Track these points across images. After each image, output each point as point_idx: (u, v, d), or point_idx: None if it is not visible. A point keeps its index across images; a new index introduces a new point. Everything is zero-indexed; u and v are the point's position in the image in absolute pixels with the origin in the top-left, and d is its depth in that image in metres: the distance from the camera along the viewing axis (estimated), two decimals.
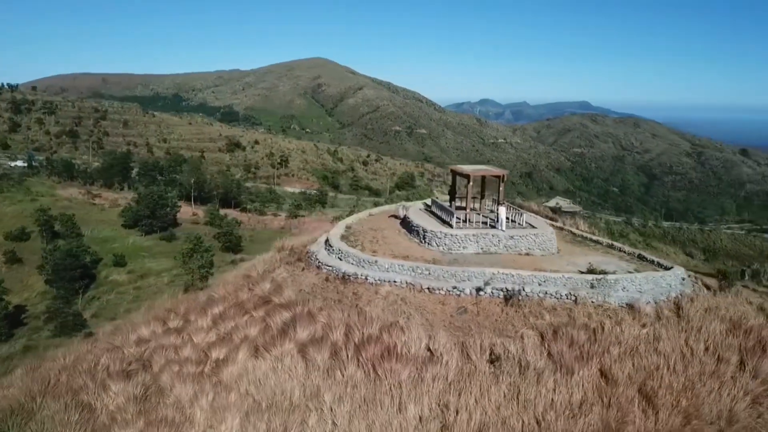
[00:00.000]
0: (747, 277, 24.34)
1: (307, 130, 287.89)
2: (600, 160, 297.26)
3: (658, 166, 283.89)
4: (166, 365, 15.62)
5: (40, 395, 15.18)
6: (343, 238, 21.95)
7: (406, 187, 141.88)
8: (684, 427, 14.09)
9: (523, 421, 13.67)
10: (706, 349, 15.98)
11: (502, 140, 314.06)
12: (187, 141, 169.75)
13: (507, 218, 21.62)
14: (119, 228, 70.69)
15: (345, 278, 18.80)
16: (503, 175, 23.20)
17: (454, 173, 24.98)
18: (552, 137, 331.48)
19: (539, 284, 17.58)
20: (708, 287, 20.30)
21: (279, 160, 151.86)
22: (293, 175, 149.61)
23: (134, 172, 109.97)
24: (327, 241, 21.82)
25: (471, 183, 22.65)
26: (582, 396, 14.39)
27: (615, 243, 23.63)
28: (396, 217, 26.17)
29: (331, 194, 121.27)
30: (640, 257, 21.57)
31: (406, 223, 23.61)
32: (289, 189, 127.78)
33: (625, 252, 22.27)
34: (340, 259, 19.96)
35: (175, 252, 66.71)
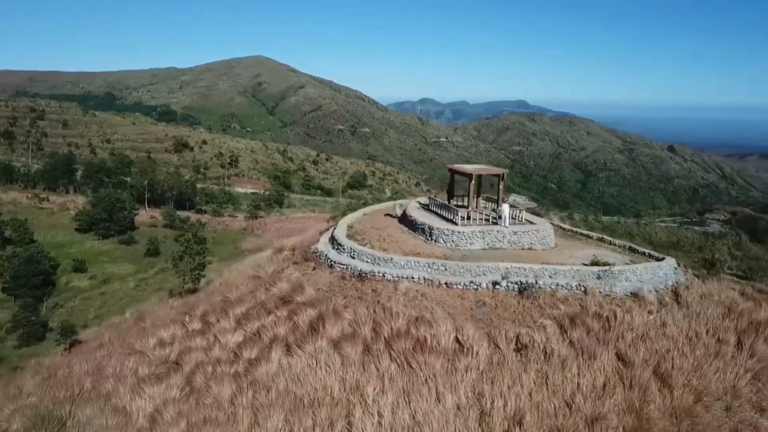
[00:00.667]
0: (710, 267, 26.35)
1: (248, 129, 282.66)
2: (538, 158, 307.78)
3: (593, 163, 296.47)
4: (198, 366, 15.68)
5: (68, 402, 14.99)
6: (350, 237, 22.35)
7: (358, 186, 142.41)
8: (696, 404, 15.39)
9: (554, 405, 14.61)
10: (707, 332, 17.45)
11: (444, 139, 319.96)
12: (131, 141, 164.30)
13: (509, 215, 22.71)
14: (73, 232, 68.30)
15: (361, 276, 19.28)
16: (502, 174, 24.25)
17: (453, 172, 25.82)
18: (492, 136, 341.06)
19: (550, 277, 18.63)
20: (696, 275, 22.00)
21: (229, 161, 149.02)
22: (244, 176, 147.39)
23: (79, 174, 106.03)
24: (334, 240, 22.19)
25: (473, 182, 23.55)
26: (604, 379, 15.49)
27: (605, 237, 25.10)
28: (391, 215, 26.79)
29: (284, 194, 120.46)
30: (631, 249, 23.06)
31: (408, 222, 24.27)
32: (241, 189, 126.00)
33: (615, 245, 23.72)
34: (353, 258, 20.41)
35: (136, 256, 65.20)
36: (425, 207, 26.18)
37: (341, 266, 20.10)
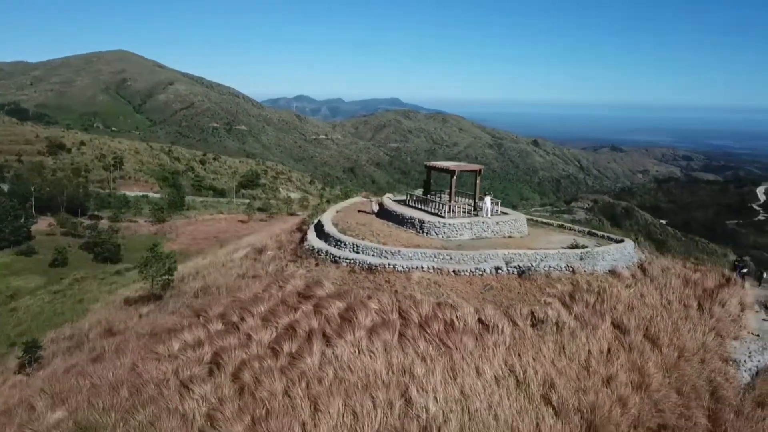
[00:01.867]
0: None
1: (114, 128, 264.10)
2: (415, 154, 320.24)
3: (465, 158, 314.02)
4: (244, 364, 16.00)
5: (113, 410, 14.77)
6: (343, 232, 23.27)
7: (251, 185, 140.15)
8: (679, 360, 18.32)
9: (575, 370, 16.80)
10: (676, 299, 20.65)
11: (324, 136, 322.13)
12: None
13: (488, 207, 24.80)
14: None
15: (371, 269, 20.33)
16: (479, 170, 26.30)
17: (430, 169, 27.46)
18: (369, 133, 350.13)
19: (542, 260, 20.89)
20: (650, 253, 25.52)
21: (113, 162, 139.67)
22: (130, 178, 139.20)
23: None
24: (330, 236, 22.96)
25: (456, 177, 25.34)
26: (608, 344, 17.94)
27: (564, 224, 28.10)
28: (365, 212, 27.94)
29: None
30: (590, 233, 26.13)
31: (392, 216, 25.52)
32: (130, 193, 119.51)
33: (575, 230, 26.71)
34: (357, 252, 21.36)
35: (40, 267, 60.23)
36: (403, 203, 27.64)
37: (347, 261, 21.03)
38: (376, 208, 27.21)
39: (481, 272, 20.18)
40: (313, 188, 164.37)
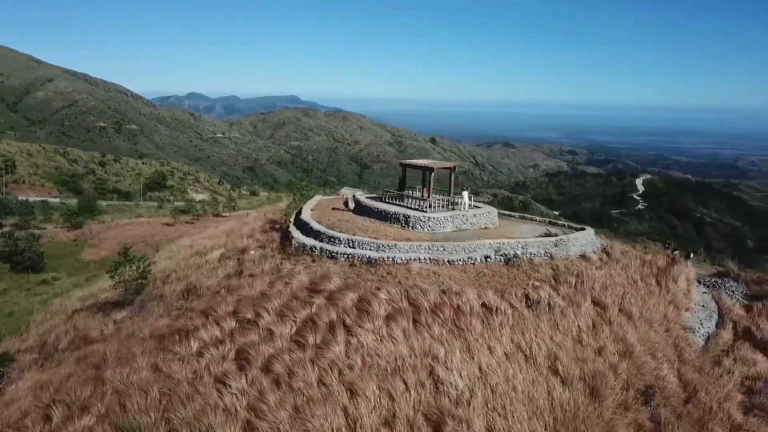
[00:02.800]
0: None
1: None
2: (316, 152, 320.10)
3: (367, 156, 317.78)
4: (273, 357, 16.51)
5: (151, 410, 14.87)
6: (331, 229, 24.00)
7: (158, 187, 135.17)
8: (650, 330, 20.90)
9: (570, 343, 18.80)
10: (640, 278, 23.36)
11: (221, 135, 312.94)
12: None
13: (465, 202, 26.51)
14: None
15: (371, 262, 21.29)
16: (453, 167, 27.91)
17: (405, 167, 28.70)
18: (269, 131, 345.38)
19: (523, 248, 22.82)
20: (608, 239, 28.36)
21: (4, 166, 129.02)
22: (24, 182, 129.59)
23: None
24: (321, 234, 23.61)
25: (434, 175, 26.75)
26: (593, 320, 20.15)
27: (525, 215, 30.44)
28: (339, 209, 28.77)
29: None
30: (551, 223, 28.58)
31: (373, 212, 26.54)
32: (26, 198, 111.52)
33: (536, 221, 29.09)
34: (353, 247, 22.20)
35: None
36: (379, 199, 28.74)
37: (345, 256, 21.85)
38: (352, 205, 28.15)
39: (472, 261, 21.81)
40: (222, 189, 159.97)
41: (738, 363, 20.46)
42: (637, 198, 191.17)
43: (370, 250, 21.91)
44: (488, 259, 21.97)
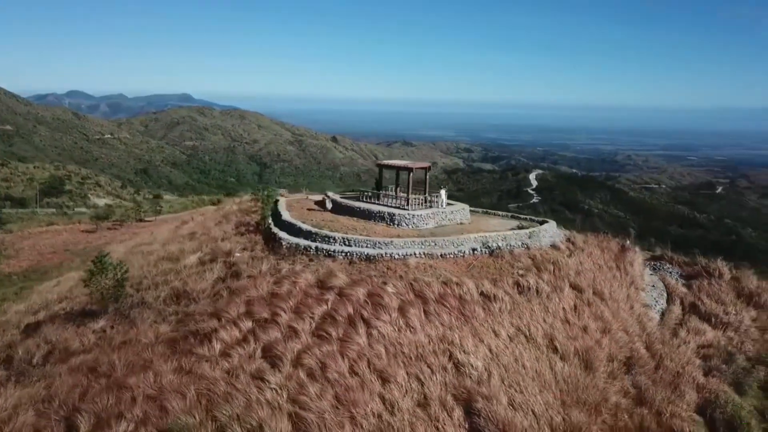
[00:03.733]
0: None
1: None
2: (213, 152, 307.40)
3: (267, 155, 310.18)
4: (301, 351, 17.11)
5: (195, 409, 15.10)
6: (320, 228, 24.64)
7: (55, 193, 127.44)
8: (618, 308, 23.46)
9: (559, 323, 20.83)
10: (604, 264, 25.98)
11: (109, 135, 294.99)
12: None
13: (441, 200, 28.00)
14: None
15: (369, 259, 22.21)
16: (429, 167, 29.30)
17: (382, 167, 29.70)
18: (161, 131, 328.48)
19: (502, 240, 24.68)
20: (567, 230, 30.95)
21: None
22: None
23: None
24: (311, 234, 24.15)
25: (412, 174, 27.94)
26: (574, 302, 22.33)
27: (488, 210, 32.47)
28: (313, 209, 29.39)
29: None
30: (514, 217, 30.81)
31: (355, 211, 27.36)
32: None
33: (500, 215, 31.21)
34: (350, 245, 22.96)
35: None
36: (356, 199, 29.60)
37: (343, 254, 22.59)
38: (330, 205, 28.85)
39: (462, 254, 23.35)
40: (125, 193, 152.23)
41: (691, 333, 23.46)
42: (532, 192, 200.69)
43: (366, 247, 22.87)
44: (475, 252, 23.65)
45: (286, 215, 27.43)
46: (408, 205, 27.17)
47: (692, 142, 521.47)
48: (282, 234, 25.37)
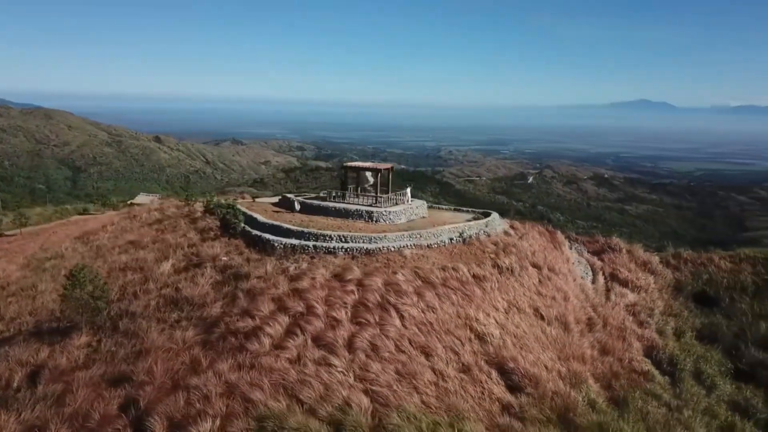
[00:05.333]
0: None
1: None
2: (14, 157, 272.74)
3: (81, 158, 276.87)
4: (351, 337, 18.70)
5: (280, 395, 16.20)
6: (308, 228, 25.82)
7: None
8: (567, 281, 27.90)
9: (536, 296, 24.55)
10: (546, 244, 30.36)
11: None
12: None
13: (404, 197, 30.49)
14: None
15: (368, 252, 24.00)
16: (392, 167, 31.41)
17: (347, 169, 31.15)
18: None
19: (468, 230, 27.88)
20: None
21: None
22: None
23: None
24: (303, 234, 25.15)
25: (380, 175, 29.86)
26: (538, 277, 26.24)
27: (433, 204, 35.59)
28: (281, 211, 30.24)
29: None
30: (456, 209, 34.28)
31: (333, 211, 28.82)
32: None
33: (444, 208, 34.50)
34: (347, 242, 24.43)
35: None
36: (323, 199, 30.91)
37: (342, 250, 24.05)
38: (298, 207, 29.92)
39: (443, 243, 26.13)
40: None
41: (618, 296, 28.66)
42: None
43: (364, 242, 24.66)
44: (452, 241, 26.62)
45: (262, 218, 28.10)
46: (379, 203, 29.37)
47: (504, 138, 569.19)
48: (268, 236, 26.13)
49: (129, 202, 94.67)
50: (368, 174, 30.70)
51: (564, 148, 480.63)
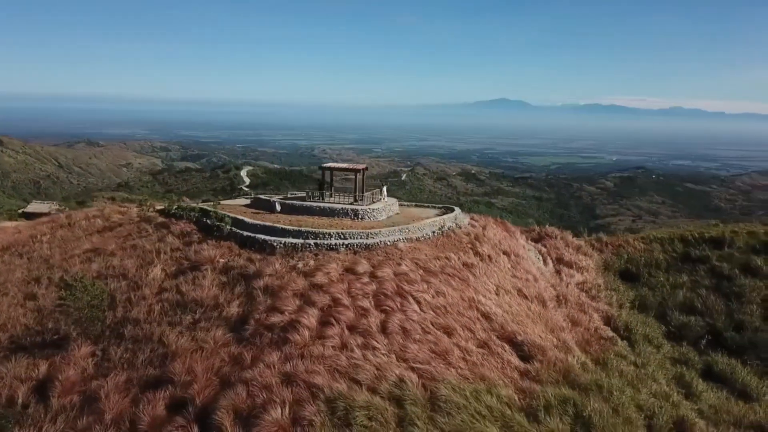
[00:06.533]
0: None
1: None
2: None
3: None
4: (383, 323, 20.24)
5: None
6: (300, 227, 26.75)
7: None
8: (530, 265, 31.20)
9: (516, 279, 27.46)
10: (506, 234, 33.52)
11: None
12: None
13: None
14: None
15: (368, 247, 25.41)
16: (366, 167, 32.69)
17: (324, 170, 31.97)
18: None
19: (445, 223, 30.23)
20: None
21: None
22: None
23: None
24: (301, 233, 26.01)
25: (363, 175, 31.13)
26: (510, 261, 29.21)
27: (403, 202, 37.56)
28: (260, 212, 30.68)
29: None
30: (417, 205, 36.53)
31: (317, 210, 29.70)
32: None
33: (405, 204, 36.65)
34: (345, 238, 25.63)
35: None
36: (302, 200, 31.60)
37: (344, 246, 25.26)
38: (279, 207, 30.51)
39: (427, 236, 28.25)
40: None
41: (568, 276, 32.53)
42: (246, 189, 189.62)
43: (361, 238, 26.05)
44: (434, 233, 28.85)
45: (250, 220, 28.50)
46: (360, 201, 30.88)
47: (375, 136, 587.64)
48: (263, 236, 26.72)
49: (21, 211, 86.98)
50: (352, 174, 32.18)
51: (431, 145, 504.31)
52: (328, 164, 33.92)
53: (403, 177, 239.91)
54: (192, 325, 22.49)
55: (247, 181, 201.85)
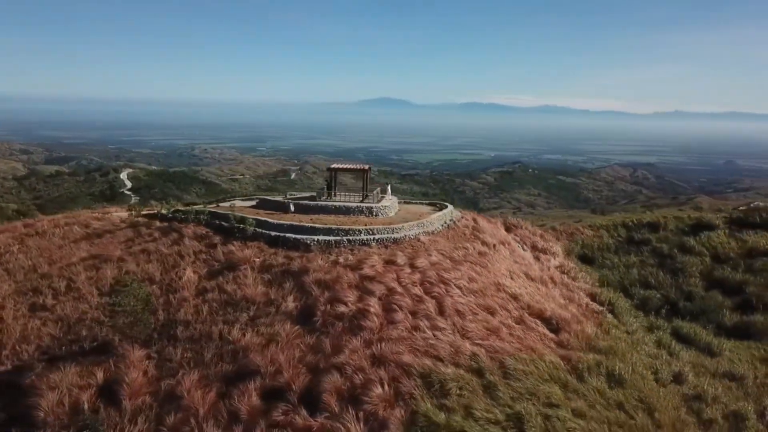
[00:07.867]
0: None
1: None
2: None
3: None
4: (438, 305, 22.39)
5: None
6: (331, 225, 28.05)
7: None
8: (521, 252, 34.51)
9: (517, 264, 30.53)
10: (500, 227, 36.58)
11: None
12: None
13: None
14: None
15: (396, 241, 27.28)
16: (370, 167, 34.17)
17: (332, 170, 33.10)
18: None
19: (450, 217, 32.71)
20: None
21: None
22: None
23: None
24: (331, 230, 27.33)
25: (368, 175, 32.55)
26: (508, 250, 32.27)
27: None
28: (273, 212, 31.53)
29: None
30: (407, 202, 38.73)
31: (333, 209, 30.77)
32: None
33: (406, 200, 38.74)
34: (373, 234, 27.21)
35: None
36: (312, 199, 32.69)
37: (375, 240, 26.97)
38: (293, 208, 31.52)
39: (438, 230, 30.59)
40: None
41: (546, 261, 36.21)
42: (128, 192, 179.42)
43: (388, 233, 27.86)
44: (443, 227, 31.32)
45: (275, 221, 29.34)
46: (369, 199, 32.61)
47: (259, 135, 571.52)
48: (294, 235, 27.75)
49: None
50: (360, 173, 33.75)
51: (318, 143, 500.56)
52: (334, 165, 35.21)
53: (293, 176, 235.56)
54: (250, 322, 23.28)
55: (129, 184, 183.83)
